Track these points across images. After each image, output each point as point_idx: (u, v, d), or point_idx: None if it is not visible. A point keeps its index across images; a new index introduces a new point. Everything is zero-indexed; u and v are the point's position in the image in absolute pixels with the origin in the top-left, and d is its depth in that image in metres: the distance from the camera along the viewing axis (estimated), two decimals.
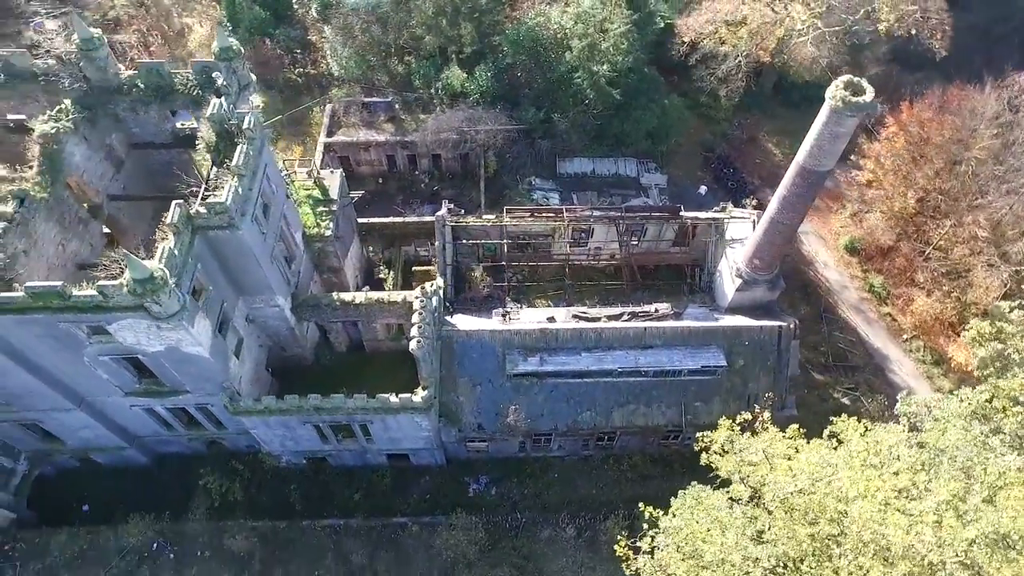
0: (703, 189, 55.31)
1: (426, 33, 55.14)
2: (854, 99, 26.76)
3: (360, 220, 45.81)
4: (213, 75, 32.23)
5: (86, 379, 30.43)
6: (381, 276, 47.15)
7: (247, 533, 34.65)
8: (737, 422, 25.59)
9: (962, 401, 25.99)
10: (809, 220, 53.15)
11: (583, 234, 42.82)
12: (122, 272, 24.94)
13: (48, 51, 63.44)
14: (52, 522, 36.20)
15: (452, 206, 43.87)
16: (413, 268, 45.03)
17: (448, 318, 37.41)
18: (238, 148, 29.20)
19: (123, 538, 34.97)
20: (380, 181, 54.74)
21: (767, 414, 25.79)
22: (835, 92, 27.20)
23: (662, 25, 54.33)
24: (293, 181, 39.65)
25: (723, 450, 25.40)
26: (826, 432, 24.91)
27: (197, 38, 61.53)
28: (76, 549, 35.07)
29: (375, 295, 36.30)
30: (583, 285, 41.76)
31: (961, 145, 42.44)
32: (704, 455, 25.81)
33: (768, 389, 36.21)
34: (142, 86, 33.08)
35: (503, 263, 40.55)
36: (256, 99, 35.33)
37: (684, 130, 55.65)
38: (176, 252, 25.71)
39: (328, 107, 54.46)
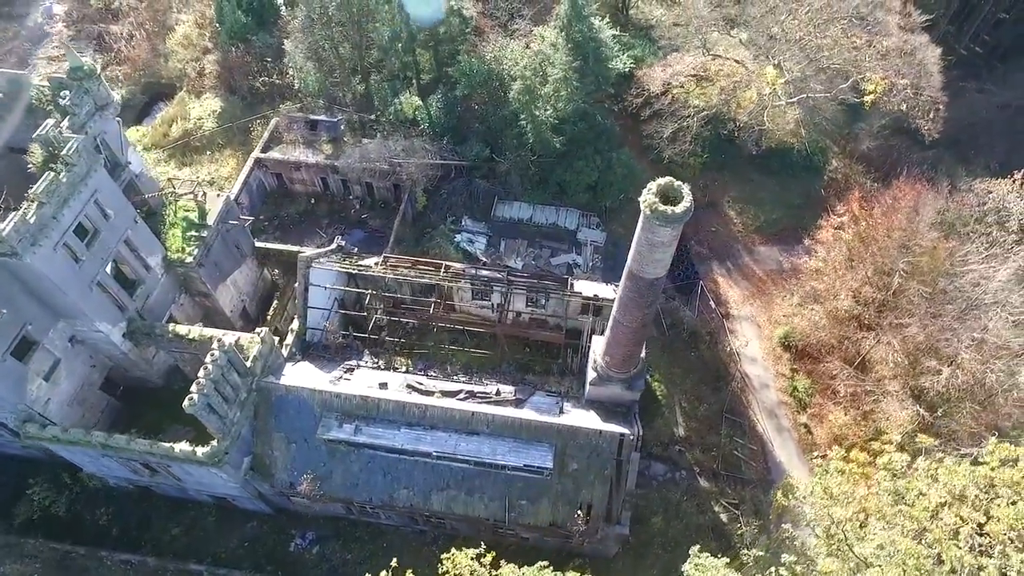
0: None
1: (383, 56, 53.89)
2: (662, 208, 23.26)
3: (258, 244, 45.07)
4: (60, 94, 32.01)
5: None
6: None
7: (28, 560, 34.23)
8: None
9: None
10: (750, 303, 48.60)
11: (481, 293, 40.33)
12: None
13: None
14: None
15: (345, 243, 42.61)
16: None
17: (289, 365, 35.95)
18: (44, 175, 28.70)
19: None
20: (312, 201, 53.89)
21: None
22: (646, 197, 23.73)
23: (617, 74, 50.71)
24: (175, 201, 39.19)
25: None
26: None
27: (179, 36, 62.69)
28: None
29: (209, 332, 35.26)
30: (450, 350, 39.26)
31: (902, 252, 37.16)
32: None
33: (603, 499, 32.71)
34: (2, 95, 33.13)
35: (370, 314, 38.78)
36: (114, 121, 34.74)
37: (632, 186, 51.73)
38: None
39: (272, 121, 54.07)
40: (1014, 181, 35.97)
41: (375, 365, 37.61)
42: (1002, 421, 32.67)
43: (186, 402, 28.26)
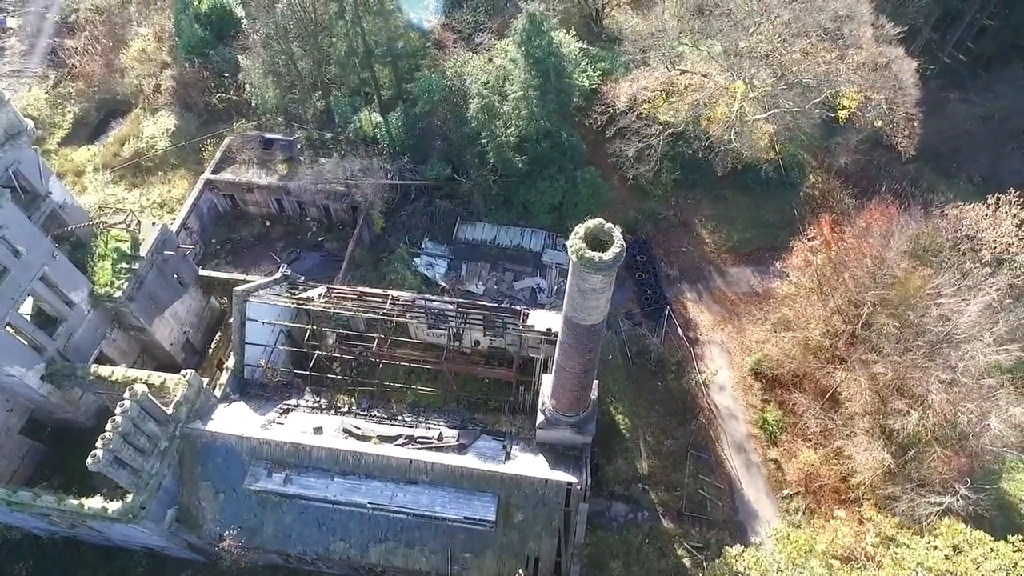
0: None
1: (341, 71, 51.88)
2: (589, 254, 21.15)
3: (202, 272, 42.95)
4: None
5: None
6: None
7: None
8: None
9: None
10: (721, 328, 46.51)
11: (437, 320, 38.16)
12: None
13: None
14: None
15: (291, 272, 40.63)
16: None
17: (223, 406, 33.83)
18: None
19: None
20: (267, 224, 51.80)
21: None
22: (572, 242, 21.65)
23: (583, 89, 48.71)
24: (105, 231, 37.03)
25: None
26: None
27: (135, 50, 60.56)
28: None
29: (134, 373, 33.13)
30: (395, 387, 37.12)
31: (873, 281, 35.06)
32: None
33: (551, 552, 30.57)
34: None
35: (313, 349, 36.66)
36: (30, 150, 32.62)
37: (598, 206, 49.56)
38: None
39: (225, 140, 51.98)
40: (988, 206, 33.90)
41: (316, 404, 35.47)
42: (975, 464, 30.64)
43: (89, 460, 26.11)
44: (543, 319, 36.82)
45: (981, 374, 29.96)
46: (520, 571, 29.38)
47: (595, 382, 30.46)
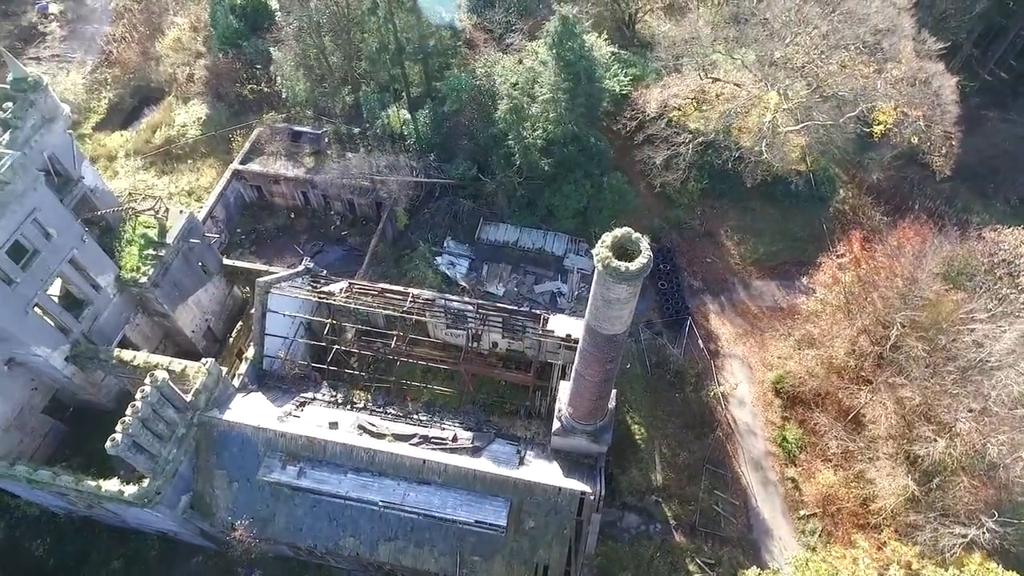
0: None
1: (371, 67, 52.04)
2: (615, 264, 20.84)
3: (226, 261, 43.28)
4: (3, 106, 30.43)
5: None
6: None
7: None
8: None
9: None
10: (743, 341, 45.78)
11: (456, 321, 38.00)
12: None
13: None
14: None
15: (313, 265, 40.78)
16: None
17: (240, 396, 34.04)
18: None
19: None
20: (292, 216, 52.08)
21: None
22: (598, 251, 21.35)
23: (612, 96, 48.20)
24: (134, 217, 37.45)
25: None
26: None
27: (171, 39, 61.35)
28: None
29: (155, 359, 33.44)
30: (412, 386, 37.03)
31: (903, 302, 34.18)
32: None
33: (561, 561, 30.25)
34: None
35: (331, 343, 36.72)
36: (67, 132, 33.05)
37: (623, 213, 49.09)
38: None
39: (254, 131, 52.38)
40: None
41: (332, 399, 35.53)
42: (1004, 496, 29.69)
43: (108, 443, 26.38)
44: (563, 324, 36.47)
45: (1014, 404, 29.01)
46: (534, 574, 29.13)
47: (613, 391, 30.09)
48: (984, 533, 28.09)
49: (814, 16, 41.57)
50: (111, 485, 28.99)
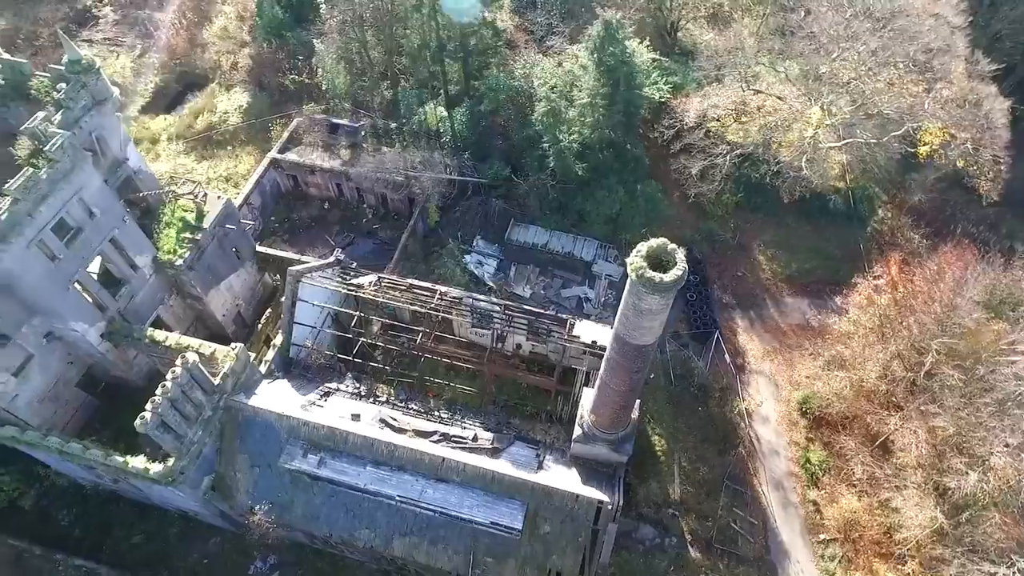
0: None
1: (411, 63, 52.41)
2: (650, 275, 20.64)
3: (259, 248, 43.95)
4: (57, 87, 31.29)
5: None
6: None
7: None
8: None
9: None
10: (770, 358, 45.05)
11: (482, 320, 38.02)
12: None
13: None
14: None
15: (344, 256, 41.22)
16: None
17: (266, 382, 34.52)
18: (23, 170, 27.86)
19: None
20: (325, 206, 52.72)
21: None
22: (633, 260, 21.16)
23: (651, 103, 47.72)
24: (174, 200, 38.22)
25: None
26: None
27: (217, 27, 62.53)
28: None
29: (186, 341, 34.07)
30: (435, 383, 37.15)
31: (940, 329, 33.28)
32: None
33: (574, 569, 30.08)
34: (2, 81, 32.58)
35: (358, 336, 37.03)
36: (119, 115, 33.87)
37: (655, 222, 48.57)
38: None
39: (293, 121, 53.10)
40: None
41: (356, 391, 35.85)
42: None
43: (137, 421, 26.94)
44: (589, 330, 36.29)
45: None
46: None
47: (637, 401, 29.84)
48: (1015, 573, 27.23)
49: (863, 32, 40.71)
50: (137, 462, 29.62)
